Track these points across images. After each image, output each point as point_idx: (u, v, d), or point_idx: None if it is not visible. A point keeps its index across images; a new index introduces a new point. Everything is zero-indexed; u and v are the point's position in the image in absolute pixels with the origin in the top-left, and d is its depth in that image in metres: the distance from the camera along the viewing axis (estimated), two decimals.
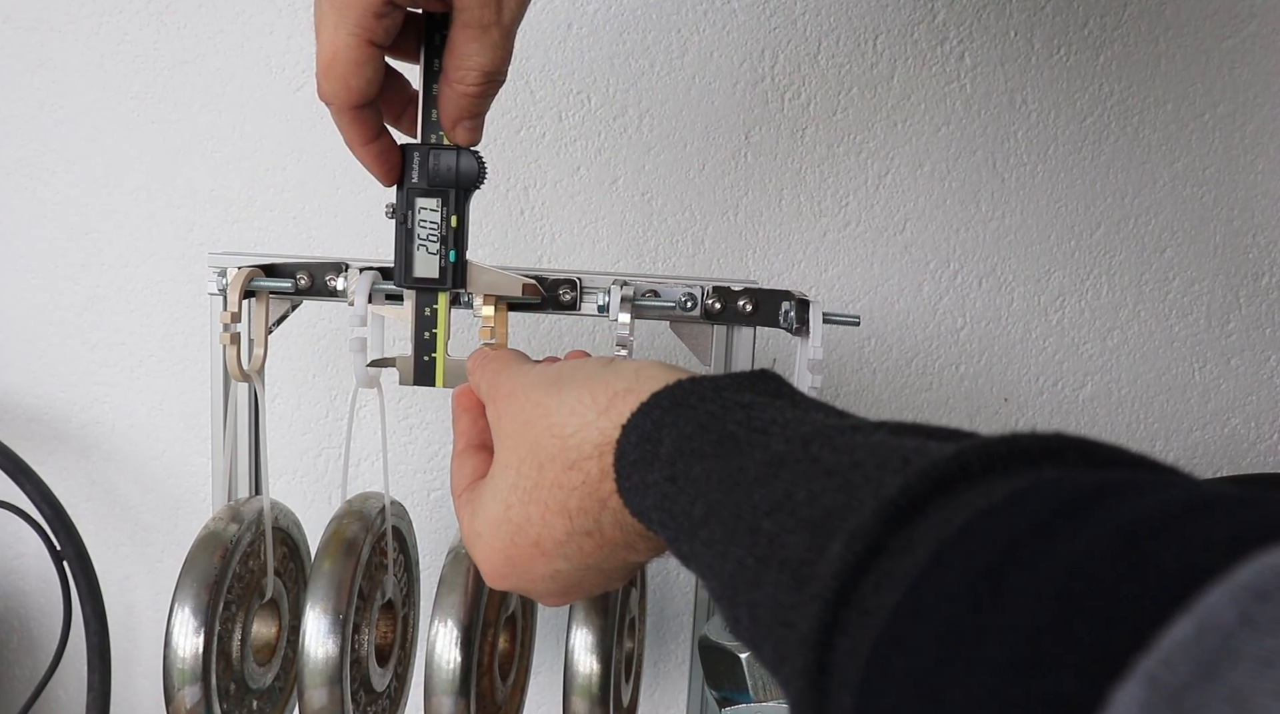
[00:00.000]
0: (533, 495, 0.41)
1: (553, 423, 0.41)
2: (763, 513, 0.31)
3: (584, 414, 0.40)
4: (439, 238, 0.52)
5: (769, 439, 0.33)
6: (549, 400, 0.42)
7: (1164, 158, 0.91)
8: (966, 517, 0.25)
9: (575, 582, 0.43)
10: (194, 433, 0.96)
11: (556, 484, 0.40)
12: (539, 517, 0.41)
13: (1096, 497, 0.24)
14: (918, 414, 0.95)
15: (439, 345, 0.53)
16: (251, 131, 0.90)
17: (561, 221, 0.91)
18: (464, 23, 0.47)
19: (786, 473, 0.31)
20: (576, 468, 0.40)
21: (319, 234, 0.91)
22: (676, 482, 0.35)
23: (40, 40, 0.89)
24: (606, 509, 0.40)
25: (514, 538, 0.42)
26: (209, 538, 0.64)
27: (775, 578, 0.29)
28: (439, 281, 0.53)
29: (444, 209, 0.52)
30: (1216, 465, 0.97)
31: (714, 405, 0.36)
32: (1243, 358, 0.95)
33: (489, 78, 0.49)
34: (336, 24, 0.45)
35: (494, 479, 0.43)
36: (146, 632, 1.01)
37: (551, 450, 0.41)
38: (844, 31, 0.88)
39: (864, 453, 0.30)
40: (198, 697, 0.61)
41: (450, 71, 0.49)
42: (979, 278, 0.92)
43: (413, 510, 0.76)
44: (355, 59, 0.46)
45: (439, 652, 0.61)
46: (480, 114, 0.51)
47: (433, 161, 0.52)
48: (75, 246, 0.93)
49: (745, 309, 0.63)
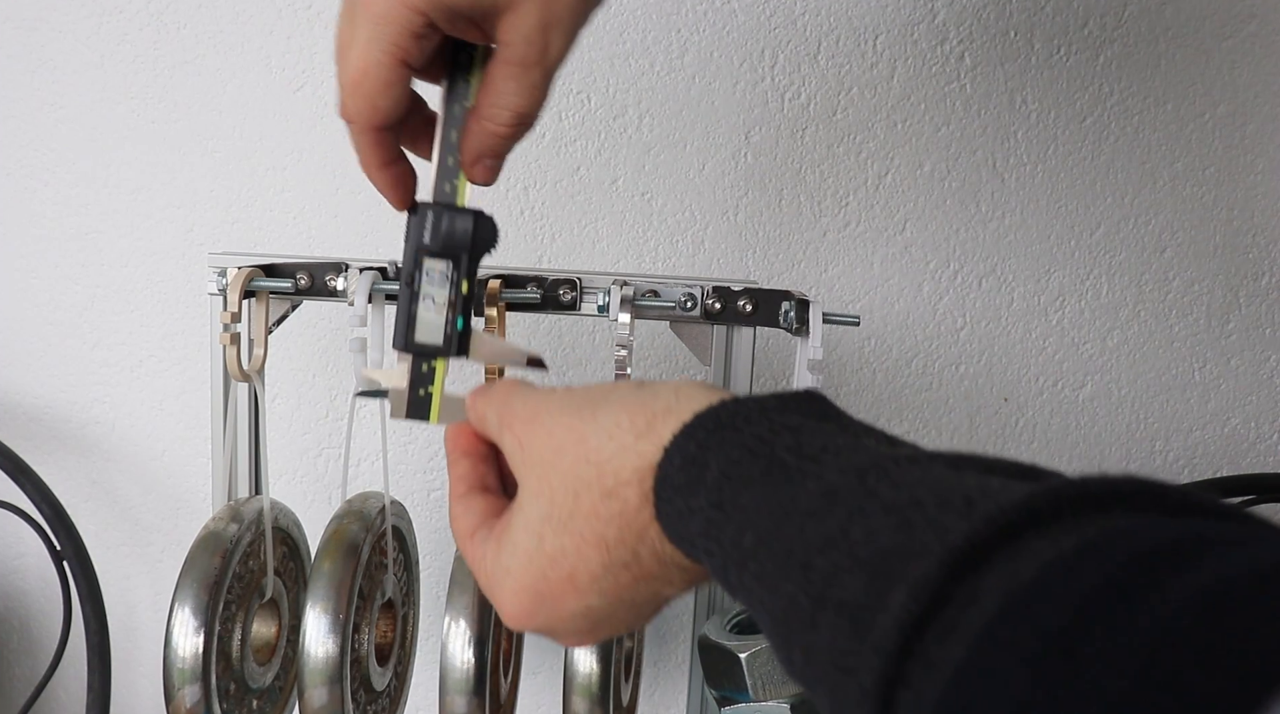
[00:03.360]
0: (567, 526, 0.39)
1: (588, 448, 0.39)
2: (816, 548, 0.30)
3: (621, 437, 0.38)
4: (446, 303, 0.48)
5: (822, 468, 0.32)
6: (583, 424, 0.39)
7: (1164, 158, 0.91)
8: (1035, 568, 0.24)
9: (605, 618, 0.40)
10: (194, 433, 0.96)
11: (593, 513, 0.38)
12: (574, 548, 0.39)
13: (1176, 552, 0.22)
14: (918, 414, 0.95)
15: (437, 379, 0.50)
16: (251, 131, 0.90)
17: (561, 221, 0.91)
18: (505, 59, 0.44)
19: (841, 507, 0.30)
20: (614, 496, 0.38)
21: (319, 234, 0.91)
22: (724, 508, 0.34)
23: (40, 40, 0.90)
24: (645, 539, 0.38)
25: (546, 572, 0.39)
26: (209, 538, 0.64)
27: (832, 620, 0.28)
28: (442, 349, 0.49)
29: (454, 273, 0.48)
30: (1216, 465, 0.97)
31: (761, 428, 0.35)
32: (1243, 358, 0.95)
33: (521, 120, 0.46)
34: (370, 40, 0.43)
35: (523, 510, 0.41)
36: (146, 632, 1.01)
37: (587, 477, 0.38)
38: (844, 31, 0.88)
39: (923, 490, 0.29)
40: (198, 696, 0.61)
41: (482, 108, 0.46)
42: (979, 278, 0.93)
43: (413, 510, 0.76)
44: (386, 79, 0.44)
45: (453, 652, 0.61)
46: (504, 155, 0.48)
47: (446, 223, 0.48)
48: (75, 246, 0.93)
49: (745, 309, 0.63)
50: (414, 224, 0.48)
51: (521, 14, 0.42)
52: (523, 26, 0.43)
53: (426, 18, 0.42)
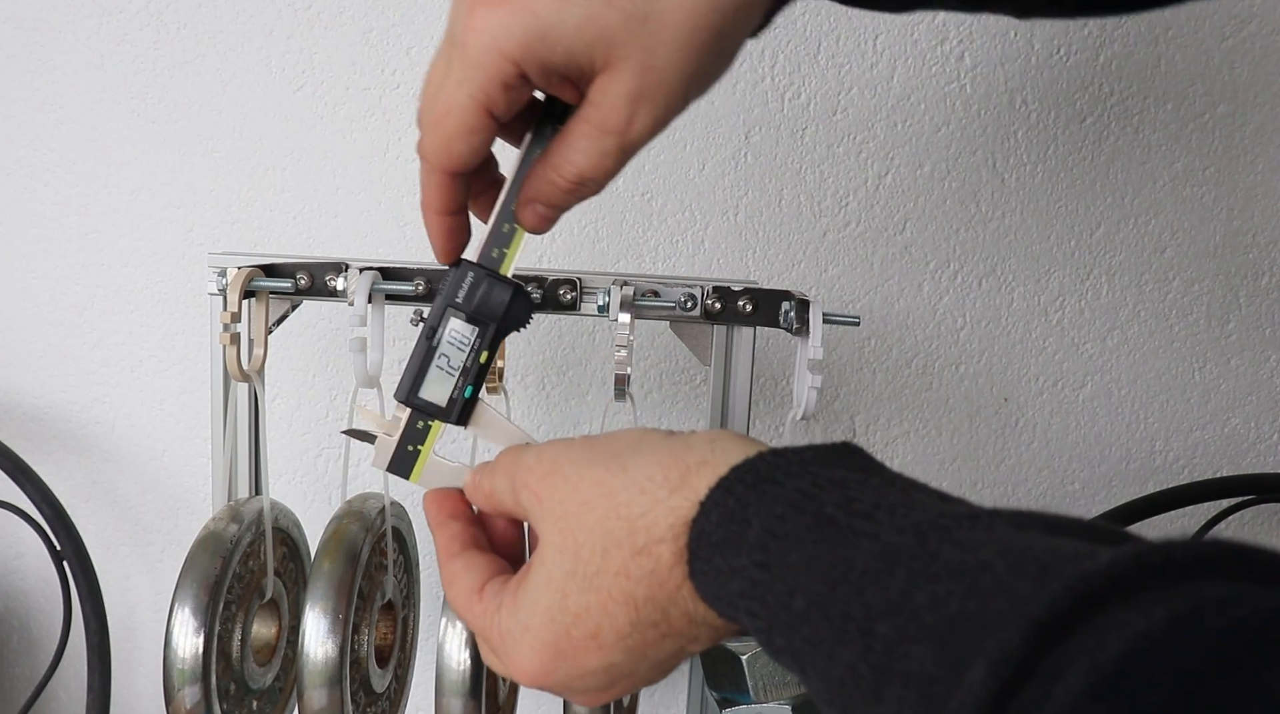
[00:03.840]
0: (594, 583, 0.37)
1: (619, 503, 0.37)
2: (877, 614, 0.28)
3: (654, 492, 0.36)
4: (460, 368, 0.46)
5: (877, 527, 0.30)
6: (611, 477, 0.38)
7: (1164, 158, 0.91)
8: (1124, 641, 0.22)
9: (625, 674, 0.39)
10: (194, 433, 0.96)
11: (622, 571, 0.37)
12: (600, 605, 0.37)
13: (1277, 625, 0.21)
14: (918, 414, 0.95)
15: (428, 440, 0.47)
16: (251, 131, 0.90)
17: (562, 221, 0.90)
18: (586, 117, 0.42)
19: (902, 570, 0.28)
20: (646, 553, 0.36)
21: (319, 234, 0.91)
22: (770, 569, 0.32)
23: (40, 40, 0.89)
24: (677, 598, 0.36)
25: (570, 629, 0.38)
26: (209, 538, 0.64)
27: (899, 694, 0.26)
28: (443, 412, 0.47)
29: (477, 340, 0.46)
30: (1216, 465, 0.97)
31: (803, 482, 0.33)
32: (1243, 358, 0.95)
33: (583, 182, 0.44)
34: (459, 82, 0.41)
35: (545, 565, 0.39)
36: (146, 632, 1.01)
37: (618, 534, 0.37)
38: (844, 31, 0.88)
39: (990, 552, 0.27)
40: (198, 697, 0.61)
41: (551, 155, 0.44)
42: (979, 278, 0.92)
43: (413, 511, 0.76)
44: (467, 124, 0.41)
45: (449, 653, 0.61)
46: (558, 208, 0.46)
47: (484, 289, 0.46)
48: (75, 246, 0.93)
49: (745, 309, 0.62)
50: (452, 279, 0.47)
51: (615, 78, 0.40)
52: (613, 91, 0.41)
53: (520, 69, 0.40)
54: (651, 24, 0.39)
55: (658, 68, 0.40)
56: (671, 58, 0.40)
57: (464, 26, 0.40)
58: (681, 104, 0.42)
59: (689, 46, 0.40)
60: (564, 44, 0.39)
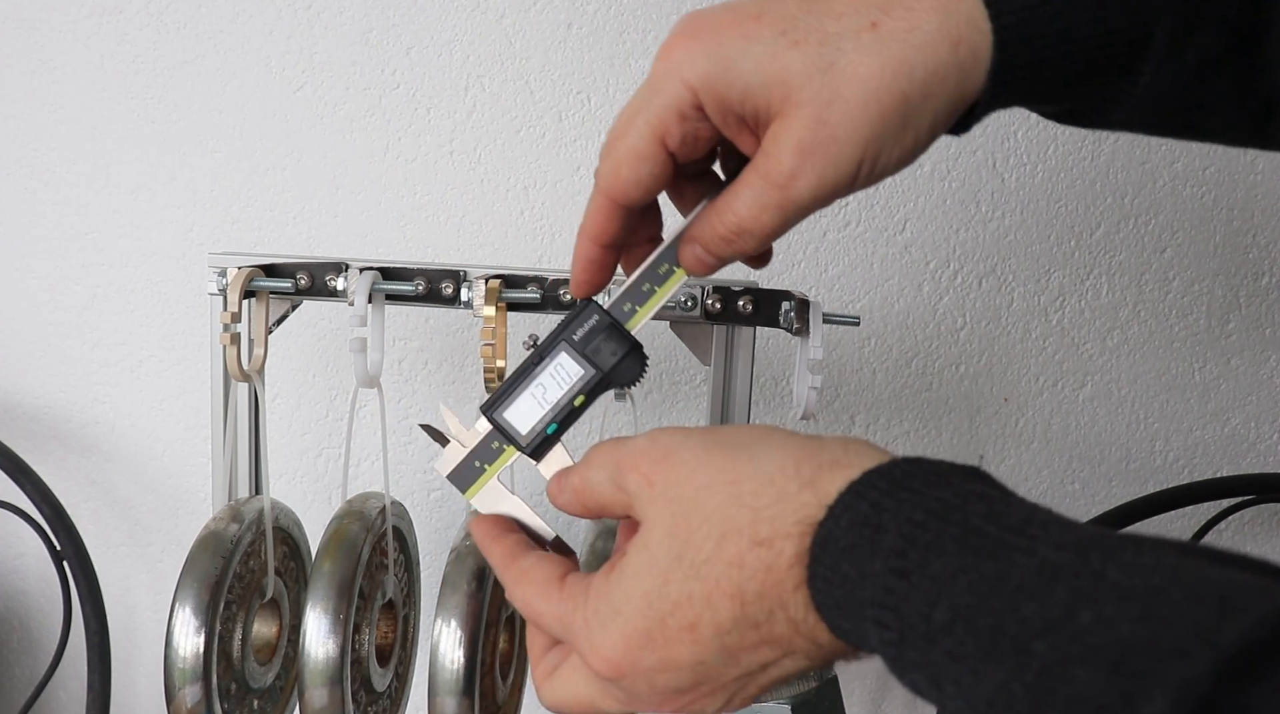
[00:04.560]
0: (701, 570, 0.35)
1: (743, 490, 0.35)
2: (1035, 631, 0.27)
3: (784, 484, 0.35)
4: (553, 403, 0.45)
5: (1032, 542, 0.29)
6: (737, 465, 0.36)
7: (1164, 158, 0.91)
8: None
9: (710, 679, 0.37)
10: (194, 433, 0.96)
11: (736, 562, 0.35)
12: (703, 596, 0.35)
13: None
14: (918, 414, 0.95)
15: (497, 463, 0.46)
16: (251, 131, 0.90)
17: (561, 221, 0.91)
18: (754, 165, 0.39)
19: (1063, 588, 0.27)
20: (767, 546, 0.34)
21: (319, 234, 0.91)
22: (908, 576, 0.31)
23: (40, 40, 0.89)
24: (786, 601, 0.34)
25: (666, 617, 0.36)
26: (209, 538, 0.64)
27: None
28: (521, 441, 0.45)
29: (580, 383, 0.45)
30: (1216, 465, 0.97)
31: (944, 492, 0.32)
32: (1243, 358, 0.95)
33: (740, 233, 0.41)
34: (638, 108, 0.40)
35: (648, 548, 0.37)
36: (146, 632, 1.01)
37: (739, 521, 0.35)
38: None
39: (1161, 577, 0.26)
40: (198, 696, 0.61)
41: (717, 201, 0.41)
42: (979, 278, 0.93)
43: (413, 510, 0.76)
44: (638, 150, 0.40)
45: (443, 652, 0.61)
46: (714, 256, 0.43)
47: (604, 336, 0.45)
48: (75, 246, 0.93)
49: (745, 309, 0.62)
50: (577, 315, 0.46)
51: (787, 125, 0.38)
52: (783, 139, 0.38)
53: (696, 98, 0.39)
54: (833, 75, 0.37)
55: (832, 122, 0.37)
56: (849, 113, 0.37)
57: (656, 57, 0.40)
58: (853, 173, 0.39)
59: (869, 105, 0.37)
60: (742, 79, 0.38)
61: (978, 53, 0.37)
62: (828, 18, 0.38)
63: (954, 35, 0.37)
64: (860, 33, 0.37)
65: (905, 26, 0.37)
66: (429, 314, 0.92)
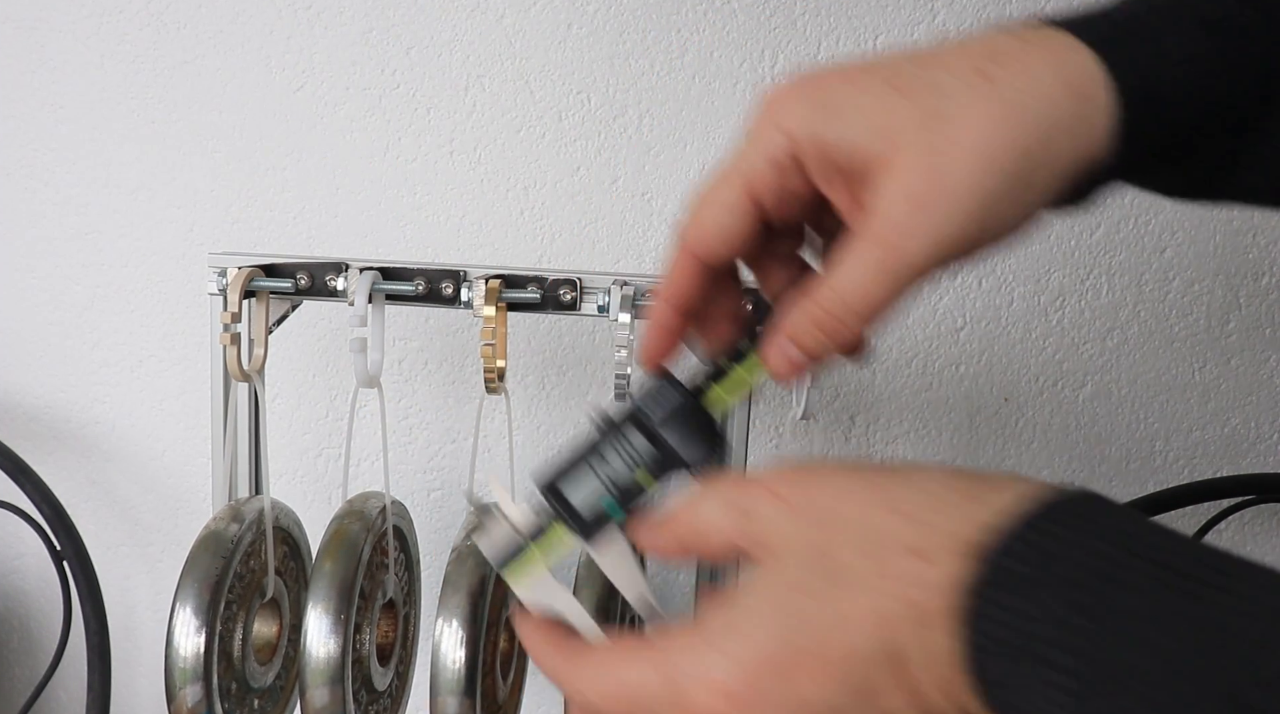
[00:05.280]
0: (837, 581, 0.31)
1: (896, 499, 0.32)
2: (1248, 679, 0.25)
3: (945, 496, 0.31)
4: (615, 482, 0.40)
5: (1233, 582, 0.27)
6: (887, 480, 0.33)
7: None
8: None
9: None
10: (194, 433, 0.96)
11: (879, 573, 0.30)
12: (837, 616, 0.30)
13: None
14: (918, 414, 0.95)
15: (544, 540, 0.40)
16: (251, 131, 0.90)
17: (561, 221, 0.91)
18: (858, 228, 0.35)
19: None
20: (919, 556, 0.30)
21: (319, 234, 0.91)
22: (1089, 612, 0.27)
23: (40, 40, 0.90)
24: (928, 635, 0.29)
25: (789, 636, 0.31)
26: (210, 537, 0.64)
27: None
28: (574, 520, 0.39)
29: (652, 465, 0.40)
30: (1216, 465, 0.97)
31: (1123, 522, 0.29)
32: (1243, 358, 0.95)
33: (845, 311, 0.37)
34: (733, 159, 0.37)
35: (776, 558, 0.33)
36: (146, 632, 1.01)
37: (888, 529, 0.31)
38: (844, 31, 0.88)
39: None
40: (199, 696, 0.62)
41: (815, 280, 0.37)
42: (979, 278, 0.93)
43: (413, 510, 0.76)
44: (724, 200, 0.37)
45: (444, 651, 0.61)
46: (809, 351, 0.38)
47: (683, 420, 0.40)
48: (75, 246, 0.93)
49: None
50: (654, 390, 0.41)
51: (895, 176, 0.34)
52: (891, 192, 0.34)
53: (793, 146, 0.36)
54: (946, 124, 0.34)
55: (945, 172, 0.34)
56: (963, 162, 0.34)
57: (757, 109, 0.37)
58: (967, 231, 0.34)
59: (985, 157, 0.34)
60: (846, 126, 0.35)
61: (1097, 103, 0.34)
62: (937, 69, 0.35)
63: (1073, 84, 0.34)
64: (972, 81, 0.34)
65: (1020, 74, 0.34)
66: (429, 314, 0.92)
